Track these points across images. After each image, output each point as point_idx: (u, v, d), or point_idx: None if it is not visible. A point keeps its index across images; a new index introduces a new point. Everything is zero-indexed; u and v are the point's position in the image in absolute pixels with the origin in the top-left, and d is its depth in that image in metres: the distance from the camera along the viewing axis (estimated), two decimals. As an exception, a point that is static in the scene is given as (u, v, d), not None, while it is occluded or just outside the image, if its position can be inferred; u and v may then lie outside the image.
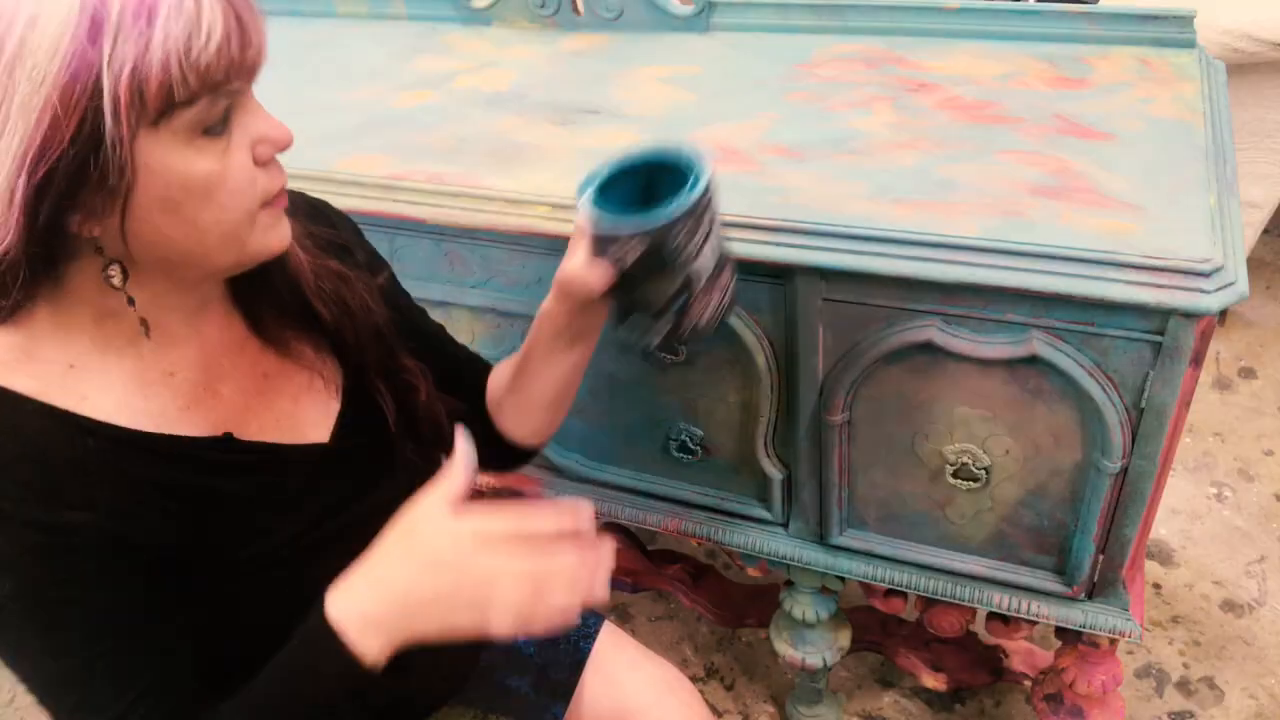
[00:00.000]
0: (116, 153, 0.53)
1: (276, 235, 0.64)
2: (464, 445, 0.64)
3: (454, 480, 0.62)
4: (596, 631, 0.97)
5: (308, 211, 0.78)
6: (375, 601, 0.60)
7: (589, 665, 0.95)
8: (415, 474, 0.81)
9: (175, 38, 0.52)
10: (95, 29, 0.51)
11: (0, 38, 0.51)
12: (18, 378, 0.60)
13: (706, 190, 0.68)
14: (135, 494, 0.62)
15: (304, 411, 0.74)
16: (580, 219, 0.72)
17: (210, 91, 0.55)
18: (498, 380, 0.90)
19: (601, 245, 0.70)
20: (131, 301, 0.61)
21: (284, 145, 0.61)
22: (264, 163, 0.60)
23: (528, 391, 0.87)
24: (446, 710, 0.91)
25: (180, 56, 0.53)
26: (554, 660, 0.95)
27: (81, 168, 0.53)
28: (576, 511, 0.62)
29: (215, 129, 0.57)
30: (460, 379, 0.89)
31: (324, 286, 0.74)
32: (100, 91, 0.51)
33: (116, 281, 0.60)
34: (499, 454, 0.91)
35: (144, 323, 0.63)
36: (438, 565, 0.59)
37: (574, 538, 0.61)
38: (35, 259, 0.57)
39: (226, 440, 0.68)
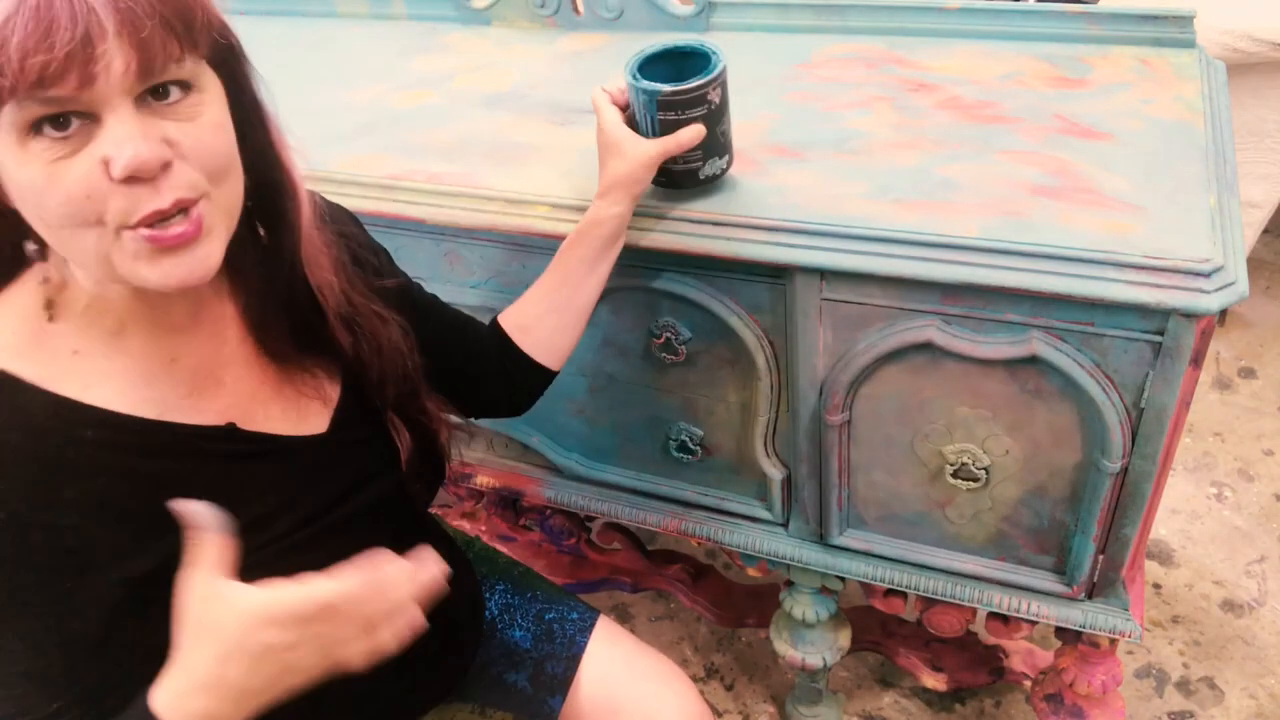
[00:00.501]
0: None
1: (158, 270, 0.58)
2: (199, 509, 0.61)
3: (211, 550, 0.60)
4: (593, 626, 0.98)
5: (333, 216, 0.77)
6: (203, 701, 0.58)
7: (585, 659, 0.95)
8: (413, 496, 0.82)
9: None
10: None
11: None
12: (24, 363, 0.60)
13: None
14: (132, 489, 0.62)
15: (307, 401, 0.74)
16: (603, 111, 0.87)
17: (8, 95, 0.51)
18: (522, 315, 0.92)
19: (680, 107, 0.85)
20: (47, 281, 0.61)
21: (127, 169, 0.54)
22: (120, 180, 0.54)
23: (573, 306, 0.91)
24: (443, 707, 0.92)
25: None
26: (550, 654, 0.95)
27: None
28: (372, 563, 0.61)
29: (48, 133, 0.53)
30: (467, 341, 0.91)
31: (359, 323, 0.74)
32: None
33: (29, 251, 0.60)
34: (520, 388, 0.94)
35: (49, 304, 0.62)
36: (243, 653, 0.57)
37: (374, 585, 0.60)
38: None
39: (229, 430, 0.68)
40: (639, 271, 0.96)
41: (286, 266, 0.69)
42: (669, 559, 1.48)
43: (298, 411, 0.73)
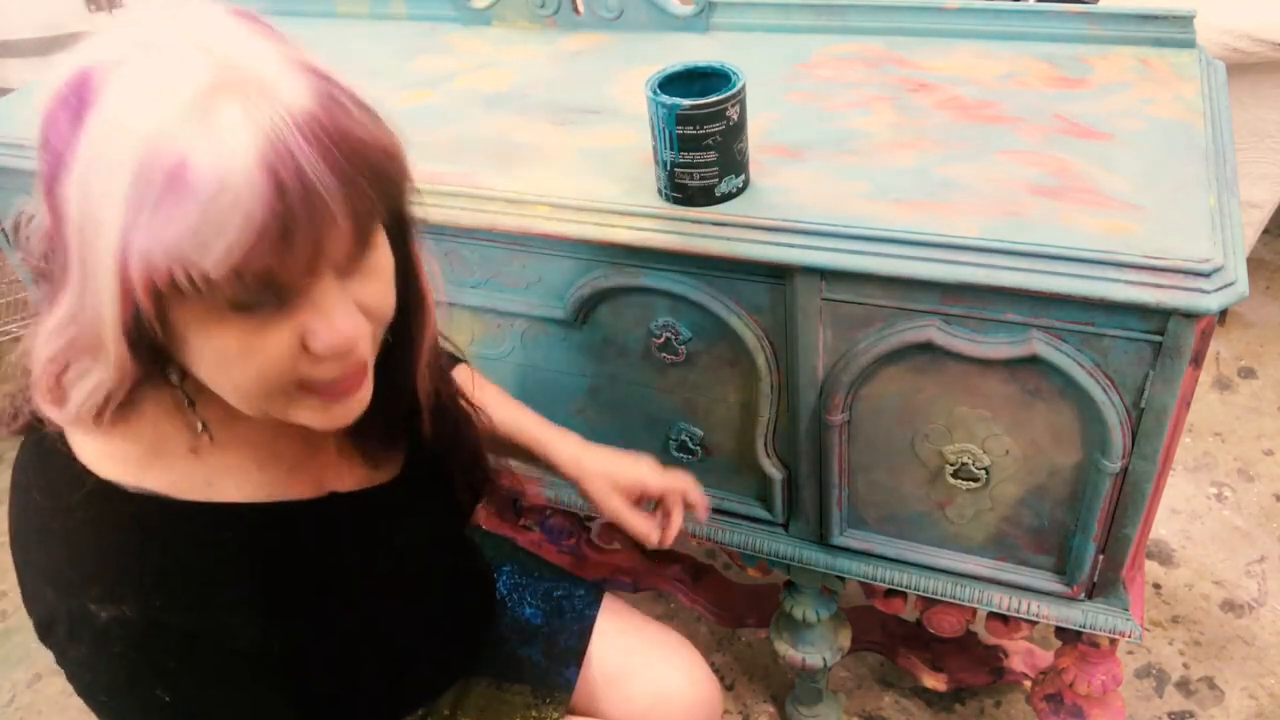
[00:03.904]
0: (152, 316, 0.51)
1: (324, 418, 0.60)
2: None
3: None
4: (599, 601, 1.00)
5: None
6: None
7: (595, 631, 0.97)
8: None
9: (181, 236, 0.47)
10: (130, 208, 0.48)
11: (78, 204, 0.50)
12: (151, 475, 0.61)
13: None
14: (262, 573, 0.65)
15: (379, 451, 0.76)
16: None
17: (229, 289, 0.50)
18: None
19: (698, 122, 0.85)
20: (192, 404, 0.61)
21: (331, 349, 0.54)
22: (314, 353, 0.54)
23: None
24: (460, 685, 0.93)
25: (183, 256, 0.48)
26: (561, 628, 0.98)
27: (137, 324, 0.52)
28: None
29: (253, 311, 0.52)
30: None
31: (444, 417, 0.77)
32: (125, 265, 0.49)
33: (172, 378, 0.60)
34: None
35: (204, 425, 0.62)
36: None
37: None
38: (137, 380, 0.58)
39: (331, 498, 0.71)
40: (639, 271, 0.96)
41: (398, 377, 0.70)
42: (669, 559, 1.48)
43: (374, 460, 0.75)
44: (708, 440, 1.08)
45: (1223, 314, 0.86)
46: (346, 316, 0.54)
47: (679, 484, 0.92)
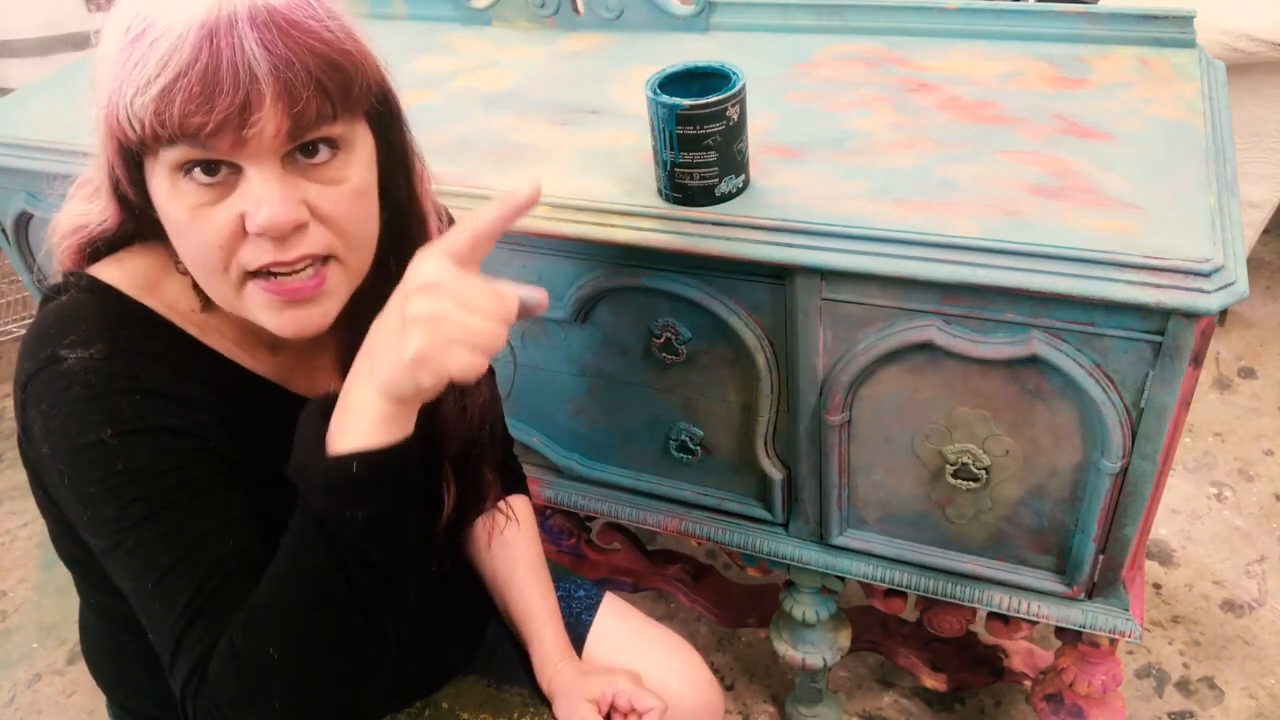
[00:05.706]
0: (134, 166, 0.60)
1: (276, 320, 0.62)
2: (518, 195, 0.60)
3: (452, 239, 0.58)
4: (598, 604, 0.99)
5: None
6: (365, 412, 0.58)
7: (594, 634, 0.97)
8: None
9: (134, 81, 0.55)
10: (115, 68, 0.56)
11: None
12: (152, 300, 0.66)
13: None
14: (236, 429, 0.66)
15: None
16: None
17: (166, 143, 0.56)
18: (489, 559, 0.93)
19: (698, 122, 0.85)
20: (184, 270, 0.65)
21: (262, 229, 0.58)
22: (253, 234, 0.58)
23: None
24: (459, 683, 0.93)
25: (123, 97, 0.56)
26: None
27: (128, 173, 0.60)
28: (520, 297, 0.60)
29: (197, 177, 0.58)
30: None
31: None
32: (112, 115, 0.57)
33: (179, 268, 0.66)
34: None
35: (202, 297, 0.66)
36: (389, 331, 0.57)
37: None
38: (131, 224, 0.65)
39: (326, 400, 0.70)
40: (639, 271, 0.96)
41: None
42: (669, 559, 1.48)
43: None
44: (708, 440, 1.08)
45: (1223, 314, 0.86)
46: (285, 202, 0.57)
47: (647, 704, 0.83)
